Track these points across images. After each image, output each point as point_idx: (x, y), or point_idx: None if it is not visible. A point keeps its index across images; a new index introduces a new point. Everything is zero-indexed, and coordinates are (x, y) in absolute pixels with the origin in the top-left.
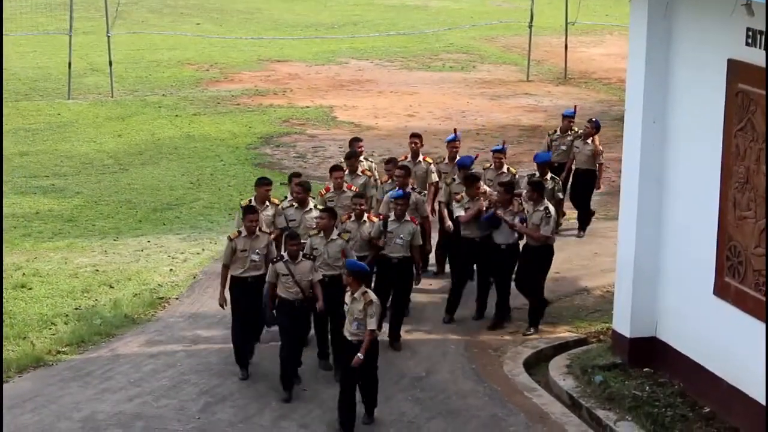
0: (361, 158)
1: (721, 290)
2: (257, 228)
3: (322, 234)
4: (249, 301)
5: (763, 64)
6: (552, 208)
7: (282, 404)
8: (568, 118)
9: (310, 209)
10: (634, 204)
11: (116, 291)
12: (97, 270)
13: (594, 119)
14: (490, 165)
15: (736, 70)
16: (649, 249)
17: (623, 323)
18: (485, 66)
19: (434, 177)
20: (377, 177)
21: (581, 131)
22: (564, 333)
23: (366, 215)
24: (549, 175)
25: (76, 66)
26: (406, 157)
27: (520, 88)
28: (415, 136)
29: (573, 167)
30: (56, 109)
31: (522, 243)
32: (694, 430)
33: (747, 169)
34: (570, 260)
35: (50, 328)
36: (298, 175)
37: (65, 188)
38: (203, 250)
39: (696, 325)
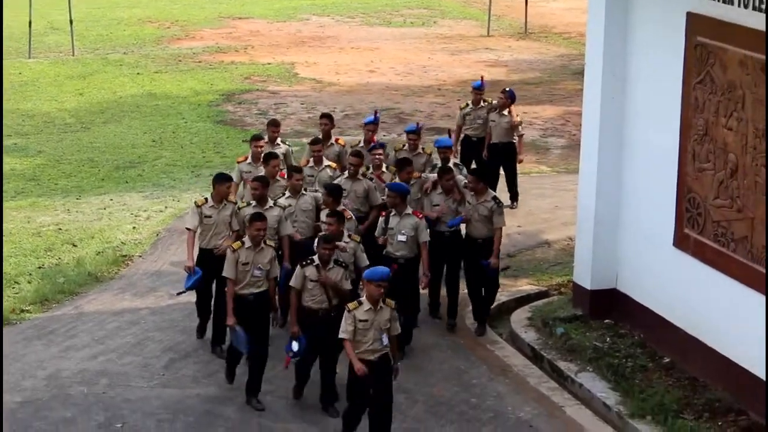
0: (278, 141)
1: (680, 242)
2: (263, 239)
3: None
4: (250, 322)
5: (722, 17)
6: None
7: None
8: (477, 90)
9: (270, 207)
10: (594, 157)
11: (79, 249)
12: (60, 229)
13: (508, 89)
14: (404, 146)
15: (695, 23)
16: (609, 202)
17: (584, 276)
18: (446, 21)
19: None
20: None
21: (496, 103)
22: (525, 286)
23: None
24: (452, 162)
25: (37, 25)
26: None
27: (481, 43)
28: (326, 116)
29: (491, 140)
30: (17, 69)
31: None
32: (654, 380)
33: (706, 121)
34: (531, 214)
35: (14, 287)
36: (259, 178)
37: (27, 147)
38: (166, 207)
39: (656, 277)
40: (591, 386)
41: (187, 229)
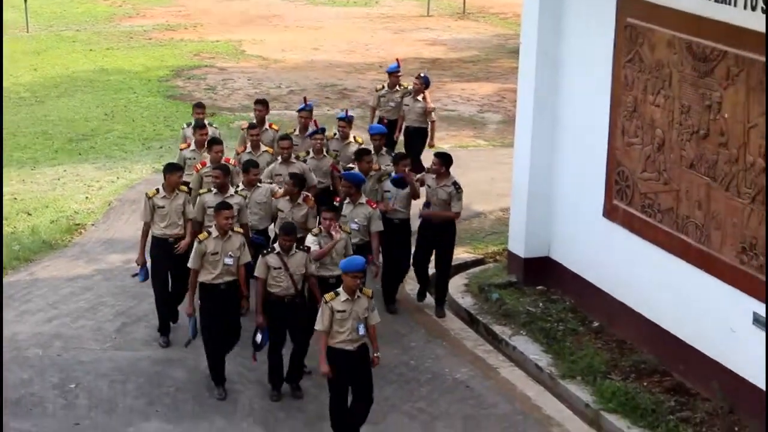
0: (206, 122)
1: (609, 212)
2: (231, 227)
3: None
4: (223, 311)
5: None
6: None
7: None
8: (393, 73)
9: (231, 195)
10: (528, 132)
11: (34, 218)
12: (15, 198)
13: (423, 74)
14: (335, 135)
15: (624, 5)
16: (542, 174)
17: (518, 244)
18: (388, 1)
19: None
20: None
21: (411, 87)
22: (463, 254)
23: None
24: (384, 149)
25: None
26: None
27: (421, 23)
28: (260, 102)
29: (404, 124)
30: None
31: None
32: (584, 343)
33: (635, 98)
34: (469, 185)
35: None
36: (221, 166)
37: None
38: (118, 178)
39: (586, 246)
40: (524, 349)
41: (143, 222)
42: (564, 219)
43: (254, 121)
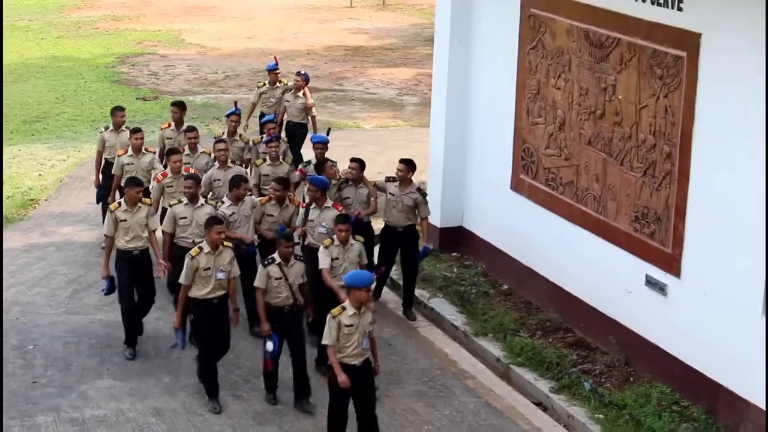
0: (123, 128)
1: (516, 186)
2: (222, 242)
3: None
4: (216, 324)
5: None
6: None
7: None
8: (272, 71)
9: (202, 204)
10: (442, 113)
11: None
12: None
13: (303, 72)
14: (223, 133)
15: None
16: (455, 152)
17: (434, 215)
18: None
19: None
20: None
21: (292, 84)
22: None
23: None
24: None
25: None
26: (169, 125)
27: (345, 13)
28: (175, 104)
29: (285, 120)
30: None
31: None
32: (495, 304)
33: (538, 82)
34: (389, 162)
35: None
36: (193, 176)
37: None
38: (68, 157)
39: (496, 216)
40: (441, 310)
41: (105, 236)
42: (476, 192)
43: (193, 125)
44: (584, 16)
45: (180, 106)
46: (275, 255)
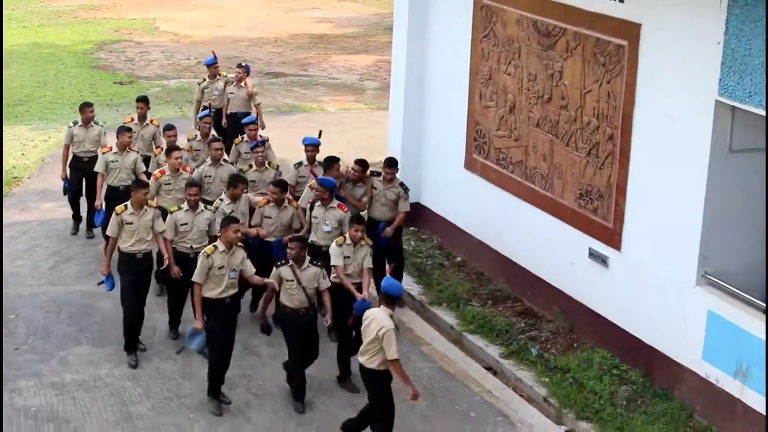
0: (92, 123)
1: (470, 165)
2: (237, 241)
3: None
4: (229, 323)
5: None
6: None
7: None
8: (211, 65)
9: (202, 210)
10: (401, 97)
11: None
12: None
13: (244, 64)
14: (132, 119)
15: None
16: (412, 133)
17: None
18: None
19: (162, 140)
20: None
21: (233, 76)
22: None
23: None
24: (317, 160)
25: None
26: (132, 119)
27: (310, 3)
28: (141, 100)
29: (229, 111)
30: None
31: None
32: (449, 275)
33: (490, 68)
34: (350, 142)
35: None
36: (196, 184)
37: None
38: (50, 138)
39: (450, 193)
40: None
41: (107, 236)
42: (432, 171)
43: (171, 123)
44: (533, 6)
45: (147, 102)
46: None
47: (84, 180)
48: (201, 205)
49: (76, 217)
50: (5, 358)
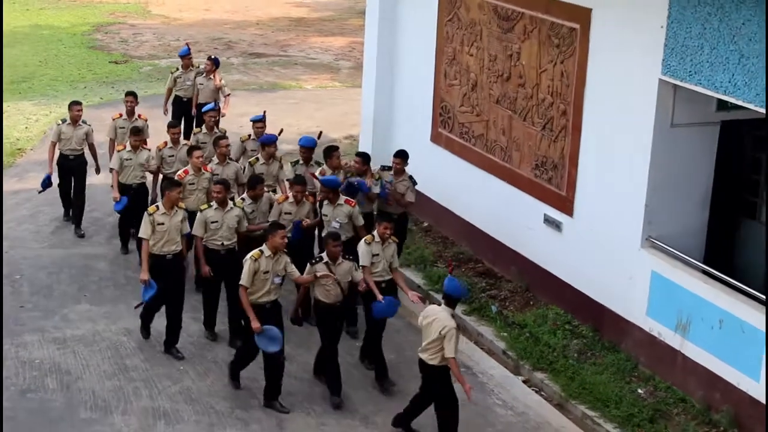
0: (80, 122)
1: (435, 138)
2: (283, 247)
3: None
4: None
5: None
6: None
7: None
8: (185, 57)
9: (231, 208)
10: (373, 76)
11: None
12: None
13: (213, 57)
14: (120, 115)
15: None
16: (383, 109)
17: None
18: None
19: (149, 132)
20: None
21: (203, 68)
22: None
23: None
24: (314, 161)
25: None
26: (120, 115)
27: None
28: (130, 94)
29: (198, 101)
30: None
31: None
32: (416, 239)
33: (454, 49)
34: (326, 119)
35: None
36: (222, 182)
37: None
38: (51, 112)
39: (418, 164)
40: None
41: (140, 238)
42: (401, 144)
43: (173, 120)
44: None
45: (135, 97)
46: (323, 254)
47: (72, 179)
48: (230, 203)
49: (67, 208)
50: (11, 315)
